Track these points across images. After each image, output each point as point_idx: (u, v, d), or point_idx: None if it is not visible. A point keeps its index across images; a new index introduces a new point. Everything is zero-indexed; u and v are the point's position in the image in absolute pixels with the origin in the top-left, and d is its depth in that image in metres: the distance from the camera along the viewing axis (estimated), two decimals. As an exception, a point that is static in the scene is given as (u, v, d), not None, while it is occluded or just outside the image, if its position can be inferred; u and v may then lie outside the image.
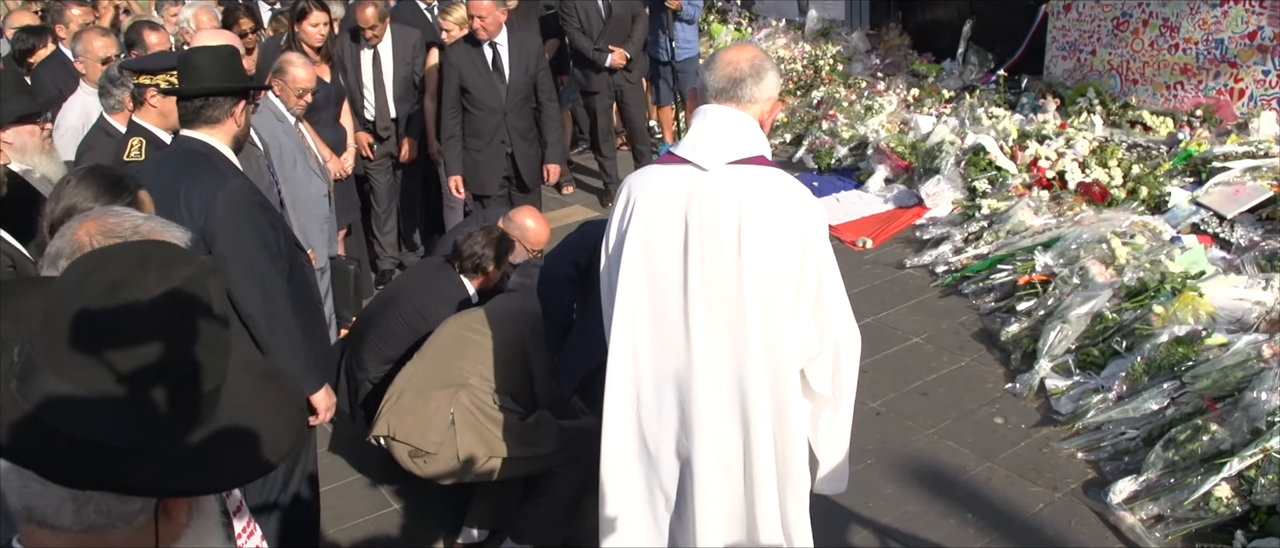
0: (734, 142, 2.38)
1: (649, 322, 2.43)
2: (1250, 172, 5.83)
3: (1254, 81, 6.73)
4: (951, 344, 5.10)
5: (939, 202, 6.53)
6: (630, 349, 2.45)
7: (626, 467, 2.52)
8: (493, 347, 3.59)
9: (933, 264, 5.92)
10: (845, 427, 2.57)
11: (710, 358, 2.38)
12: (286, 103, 4.66)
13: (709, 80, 2.44)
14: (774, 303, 2.34)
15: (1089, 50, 7.69)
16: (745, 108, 2.42)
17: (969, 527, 3.71)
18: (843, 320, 2.44)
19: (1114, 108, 7.24)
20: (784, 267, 2.33)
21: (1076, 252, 5.22)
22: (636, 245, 2.41)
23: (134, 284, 1.08)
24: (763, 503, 2.45)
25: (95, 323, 1.05)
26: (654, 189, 2.42)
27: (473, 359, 3.59)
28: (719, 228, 2.34)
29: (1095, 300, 4.72)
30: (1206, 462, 3.64)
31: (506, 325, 3.65)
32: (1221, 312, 4.52)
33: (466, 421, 3.49)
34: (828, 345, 2.44)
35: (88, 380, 1.05)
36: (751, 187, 2.34)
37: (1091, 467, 4.01)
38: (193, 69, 3.07)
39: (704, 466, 2.42)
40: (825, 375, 2.47)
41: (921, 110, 7.92)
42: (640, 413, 2.48)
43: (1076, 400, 4.34)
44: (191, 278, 1.11)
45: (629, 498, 2.55)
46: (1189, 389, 4.00)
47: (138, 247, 1.16)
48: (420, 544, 3.89)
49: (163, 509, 1.13)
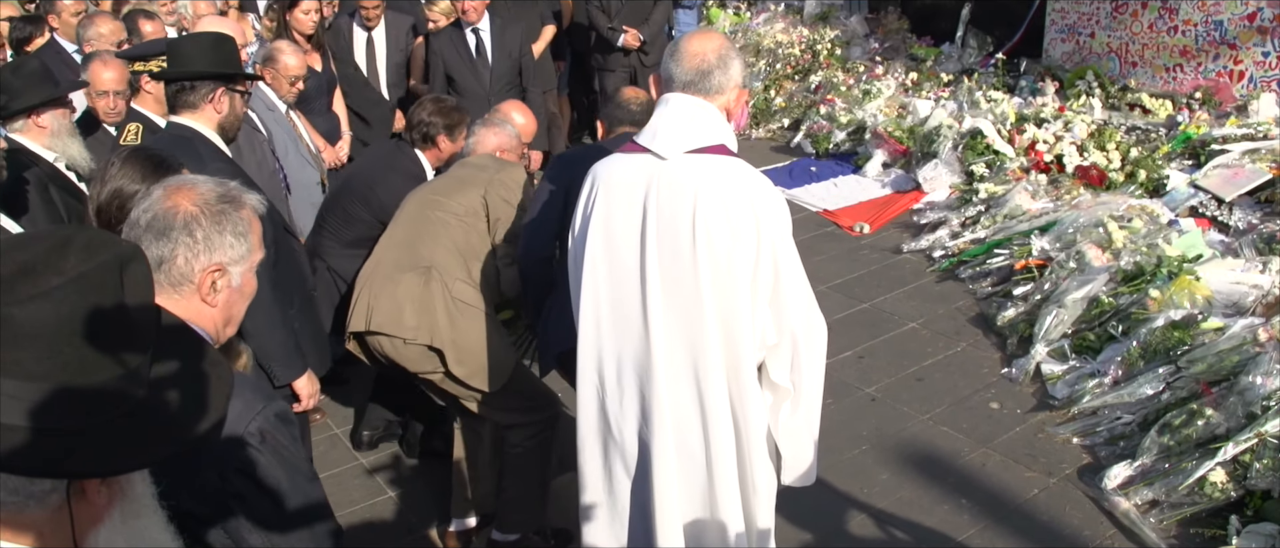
0: (695, 131, 2.39)
1: (610, 309, 2.46)
2: (1249, 154, 5.80)
3: (1253, 63, 6.69)
4: (948, 329, 5.09)
5: (936, 186, 6.51)
6: (594, 335, 2.49)
7: (597, 450, 2.58)
8: (454, 224, 3.53)
9: (929, 249, 5.90)
10: (809, 420, 2.54)
11: (668, 345, 2.40)
12: (278, 90, 4.65)
13: (675, 71, 2.42)
14: (729, 292, 2.35)
15: (1088, 33, 7.65)
16: (712, 99, 2.42)
17: (964, 512, 3.71)
18: (802, 312, 2.42)
19: (1113, 90, 7.20)
20: (738, 256, 2.33)
21: (1073, 236, 5.20)
22: (598, 233, 2.45)
23: (48, 269, 1.06)
24: (723, 489, 2.47)
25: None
26: (615, 177, 2.45)
27: (437, 238, 3.51)
28: (675, 216, 2.35)
29: (1092, 285, 4.70)
30: (1202, 447, 3.64)
31: (466, 196, 3.56)
32: (1218, 295, 4.51)
33: (440, 301, 3.40)
34: (785, 337, 2.43)
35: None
36: (708, 176, 2.35)
37: (1087, 452, 4.00)
38: (178, 54, 3.08)
39: (663, 451, 2.45)
40: (784, 367, 2.46)
41: (920, 94, 7.88)
42: (604, 399, 2.52)
43: (1072, 385, 4.33)
44: (106, 264, 1.10)
45: (603, 481, 2.60)
46: (1185, 374, 3.99)
47: (61, 232, 1.15)
48: (415, 531, 3.90)
49: (76, 489, 1.11)
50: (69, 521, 1.11)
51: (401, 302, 3.40)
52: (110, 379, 1.08)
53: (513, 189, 3.57)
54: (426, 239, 3.52)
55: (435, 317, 3.39)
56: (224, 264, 1.81)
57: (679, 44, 2.46)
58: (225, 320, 1.86)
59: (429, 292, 3.41)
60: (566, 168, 3.25)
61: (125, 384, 1.10)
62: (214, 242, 1.79)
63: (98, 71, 4.15)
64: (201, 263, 1.78)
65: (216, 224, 1.80)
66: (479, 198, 3.55)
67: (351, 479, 4.21)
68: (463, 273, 3.49)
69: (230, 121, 3.18)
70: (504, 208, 3.54)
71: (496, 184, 3.55)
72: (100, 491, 1.14)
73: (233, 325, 1.89)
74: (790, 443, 2.55)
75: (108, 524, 1.15)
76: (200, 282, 1.79)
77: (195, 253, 1.78)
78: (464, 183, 3.62)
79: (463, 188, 3.60)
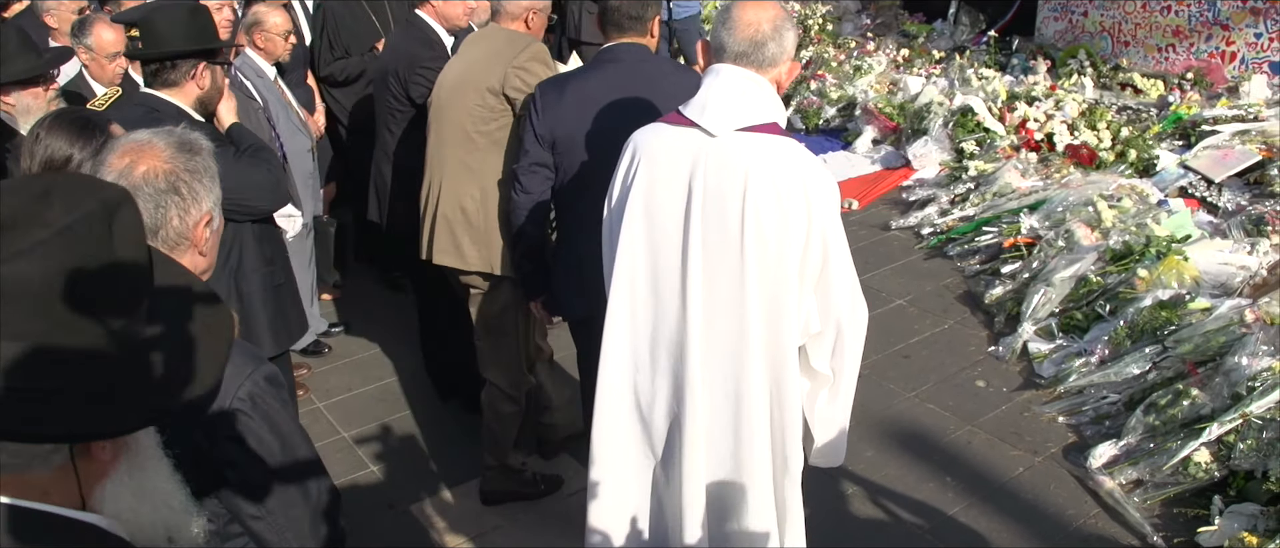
0: (746, 107, 2.28)
1: (647, 284, 2.39)
2: (1239, 135, 5.80)
3: (1245, 45, 6.68)
4: (935, 307, 5.08)
5: (926, 163, 6.49)
6: (628, 310, 2.41)
7: (619, 426, 2.49)
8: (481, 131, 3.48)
9: (918, 226, 5.88)
10: (845, 406, 2.49)
11: (707, 327, 2.33)
12: (272, 51, 4.58)
13: (727, 40, 2.30)
14: (775, 276, 2.27)
15: (1081, 11, 7.62)
16: (764, 72, 2.31)
17: (949, 490, 3.71)
18: (848, 299, 2.35)
19: (1105, 70, 7.19)
20: (788, 240, 2.25)
21: (1062, 214, 5.19)
22: (638, 206, 2.36)
23: (31, 222, 1.02)
24: (755, 475, 2.40)
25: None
26: (660, 150, 2.35)
27: (469, 150, 3.49)
28: (723, 197, 2.26)
29: (1080, 264, 4.70)
30: (1186, 427, 3.64)
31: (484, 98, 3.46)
32: (1206, 276, 4.51)
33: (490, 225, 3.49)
34: (830, 324, 2.36)
35: None
36: (759, 156, 2.25)
37: (1072, 431, 4.00)
38: (151, 31, 2.92)
39: (694, 431, 2.38)
40: (825, 354, 2.40)
41: (911, 71, 7.85)
42: (635, 376, 2.45)
43: (1059, 364, 4.33)
44: (92, 214, 1.05)
45: (619, 458, 2.52)
46: (1171, 354, 3.99)
47: (40, 180, 1.11)
48: (399, 504, 3.88)
49: (81, 449, 1.09)
50: (75, 478, 1.09)
51: (459, 237, 3.49)
52: (99, 339, 1.05)
53: (531, 79, 3.37)
54: (459, 152, 3.50)
55: (491, 245, 3.48)
56: (211, 211, 1.81)
57: (731, 11, 2.33)
58: (209, 264, 1.87)
59: (473, 218, 3.48)
60: (553, 108, 3.08)
61: (114, 343, 1.06)
62: (198, 192, 1.79)
63: (101, 33, 4.05)
64: (193, 217, 1.78)
65: (194, 175, 1.79)
66: (497, 94, 3.42)
67: (333, 454, 4.17)
68: (497, 177, 3.48)
69: (211, 95, 3.07)
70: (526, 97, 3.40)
71: (512, 76, 3.39)
72: (105, 447, 1.12)
73: (213, 265, 1.90)
74: (824, 429, 2.50)
75: (114, 478, 1.13)
76: (196, 237, 1.79)
77: (186, 210, 1.77)
78: (486, 69, 3.45)
79: (485, 76, 3.44)
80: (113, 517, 1.13)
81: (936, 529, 3.53)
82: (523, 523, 3.71)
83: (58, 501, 1.08)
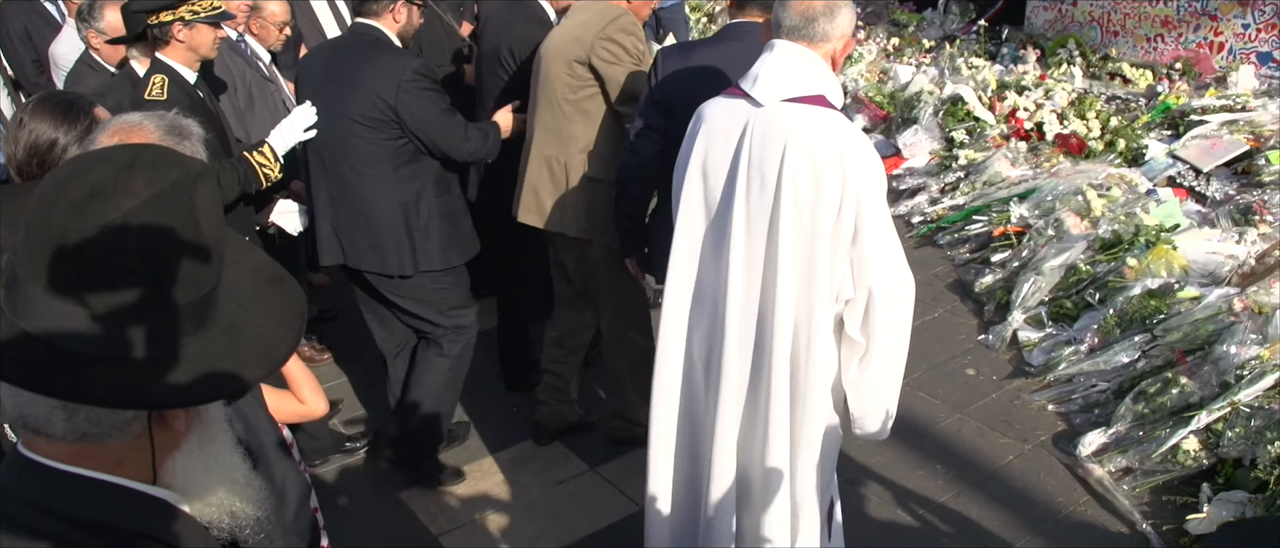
0: (794, 79, 2.41)
1: (702, 244, 2.57)
2: (1227, 125, 5.81)
3: (1233, 35, 6.70)
4: (925, 295, 5.08)
5: (916, 152, 6.49)
6: (686, 268, 2.59)
7: (670, 374, 2.69)
8: (569, 99, 3.56)
9: (908, 215, 5.88)
10: (880, 377, 2.53)
11: (744, 286, 2.48)
12: (266, 40, 4.52)
13: (782, 16, 2.45)
14: (809, 241, 2.37)
15: (1070, 1, 7.62)
16: (816, 46, 2.43)
17: (938, 478, 3.72)
18: (884, 268, 2.41)
19: (1094, 59, 7.20)
20: (822, 206, 2.35)
21: (1052, 203, 5.20)
22: (695, 173, 2.54)
23: (119, 190, 1.03)
24: (774, 434, 2.52)
25: (70, 231, 1.01)
26: (716, 119, 2.52)
27: (556, 116, 3.58)
28: (763, 163, 2.39)
29: (1069, 253, 4.71)
30: (1175, 415, 3.65)
31: (573, 70, 3.53)
32: (1194, 265, 4.53)
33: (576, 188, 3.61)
34: (862, 291, 2.44)
35: (63, 290, 1.02)
36: (799, 125, 2.36)
37: (1062, 419, 4.01)
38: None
39: (727, 387, 2.55)
40: (857, 321, 2.47)
41: (901, 60, 7.85)
42: (691, 334, 2.64)
43: (1048, 353, 4.34)
44: (178, 182, 1.06)
45: (670, 409, 2.72)
46: (1160, 342, 4.01)
47: (125, 150, 1.11)
48: (388, 491, 3.86)
49: (158, 419, 1.11)
50: (150, 448, 1.12)
51: (543, 199, 3.65)
52: (186, 304, 1.07)
53: (617, 50, 3.47)
54: (549, 117, 3.60)
55: (567, 208, 3.60)
56: None
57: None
58: None
59: (557, 181, 3.60)
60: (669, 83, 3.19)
61: (195, 313, 1.08)
62: None
63: (110, 15, 3.96)
64: None
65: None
66: (584, 63, 3.50)
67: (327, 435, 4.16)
68: (587, 148, 3.58)
69: (407, 30, 3.46)
70: (611, 69, 3.48)
71: (598, 47, 3.46)
72: (180, 416, 1.14)
73: None
74: (858, 398, 2.55)
75: (184, 449, 1.16)
76: None
77: None
78: (576, 40, 3.52)
79: (574, 47, 3.52)
80: (182, 489, 1.15)
81: (926, 517, 3.53)
82: (513, 510, 3.70)
83: (130, 471, 1.11)
